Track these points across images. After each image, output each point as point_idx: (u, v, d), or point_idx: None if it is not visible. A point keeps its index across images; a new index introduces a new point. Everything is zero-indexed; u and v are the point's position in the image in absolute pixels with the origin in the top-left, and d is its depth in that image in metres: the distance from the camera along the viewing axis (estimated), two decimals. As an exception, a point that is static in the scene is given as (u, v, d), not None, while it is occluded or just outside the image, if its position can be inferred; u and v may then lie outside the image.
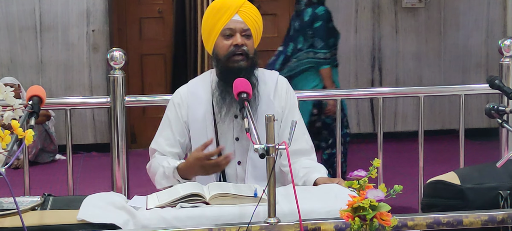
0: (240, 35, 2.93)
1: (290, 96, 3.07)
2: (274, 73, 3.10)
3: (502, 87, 2.78)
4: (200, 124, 2.99)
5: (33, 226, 2.30)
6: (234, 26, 2.93)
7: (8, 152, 2.00)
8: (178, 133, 3.02)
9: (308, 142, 3.06)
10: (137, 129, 7.91)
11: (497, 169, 2.46)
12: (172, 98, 3.08)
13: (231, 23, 2.93)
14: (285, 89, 3.06)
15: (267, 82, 3.01)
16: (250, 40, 2.95)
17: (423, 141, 3.93)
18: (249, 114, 2.43)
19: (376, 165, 2.08)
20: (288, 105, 3.03)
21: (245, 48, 2.92)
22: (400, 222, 2.23)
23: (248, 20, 2.95)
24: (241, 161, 2.98)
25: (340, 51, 7.96)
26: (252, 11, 2.98)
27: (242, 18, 2.94)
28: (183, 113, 3.02)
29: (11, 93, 2.25)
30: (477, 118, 7.81)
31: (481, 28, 8.24)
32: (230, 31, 2.93)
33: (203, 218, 2.37)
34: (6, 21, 7.49)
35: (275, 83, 3.03)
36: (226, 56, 2.93)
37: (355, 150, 5.64)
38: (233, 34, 2.93)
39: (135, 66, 7.86)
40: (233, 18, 2.94)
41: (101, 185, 5.33)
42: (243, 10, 2.95)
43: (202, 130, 2.98)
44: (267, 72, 3.09)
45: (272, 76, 3.07)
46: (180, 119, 3.02)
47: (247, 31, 2.94)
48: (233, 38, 2.93)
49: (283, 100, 3.03)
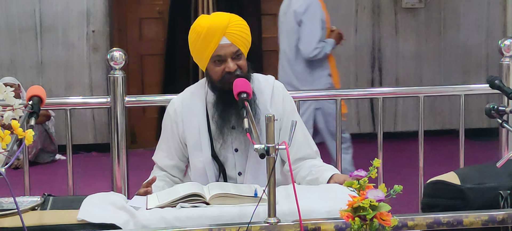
0: (231, 59, 2.86)
1: (287, 102, 3.02)
2: (269, 78, 3.04)
3: (502, 87, 2.78)
4: (196, 137, 2.96)
5: (33, 226, 2.30)
6: (224, 53, 2.84)
7: (8, 152, 2.00)
8: (174, 148, 3.01)
9: (312, 147, 3.03)
10: (137, 129, 7.91)
11: (497, 169, 2.46)
12: (168, 111, 3.05)
13: (220, 49, 2.84)
14: (281, 96, 3.01)
15: (263, 91, 2.96)
16: (242, 59, 2.88)
17: (423, 141, 3.93)
18: (249, 114, 2.43)
19: (376, 165, 2.08)
20: (286, 111, 2.98)
21: (238, 72, 2.85)
22: (400, 222, 2.23)
23: (237, 40, 2.86)
24: (241, 172, 2.96)
25: (340, 51, 8.02)
26: (239, 27, 2.89)
27: (230, 41, 2.84)
28: (180, 129, 2.99)
29: (11, 93, 2.25)
30: (477, 118, 7.80)
31: (481, 28, 8.24)
32: (220, 57, 2.85)
33: (203, 218, 2.37)
34: (6, 21, 7.49)
35: (271, 90, 2.98)
36: (220, 81, 2.88)
37: (355, 150, 5.62)
38: (224, 60, 2.86)
39: (135, 66, 7.86)
40: (221, 43, 2.84)
41: (101, 185, 5.33)
42: (229, 31, 2.85)
43: (197, 143, 2.95)
44: (262, 78, 3.02)
45: (267, 83, 3.01)
46: (176, 134, 3.00)
47: (237, 52, 2.86)
48: (225, 64, 2.85)
49: (281, 107, 2.98)
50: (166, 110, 3.07)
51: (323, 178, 2.83)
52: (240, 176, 2.95)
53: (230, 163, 2.95)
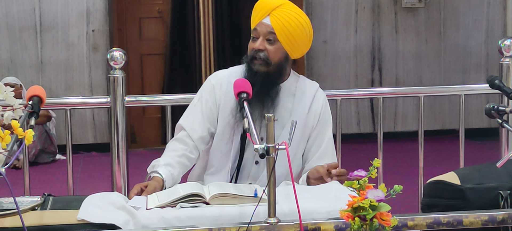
0: (264, 39, 2.87)
1: (325, 112, 3.01)
2: (314, 85, 3.04)
3: (502, 87, 2.78)
4: (229, 112, 2.92)
5: (33, 226, 2.30)
6: (260, 29, 2.88)
7: (8, 152, 2.00)
8: (208, 116, 2.95)
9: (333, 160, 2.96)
10: (137, 129, 7.91)
11: (497, 169, 2.46)
12: (210, 79, 3.02)
13: (259, 26, 2.88)
14: (321, 105, 3.00)
15: (305, 93, 2.97)
16: (274, 45, 2.87)
17: (423, 141, 3.93)
18: (249, 114, 2.43)
19: (376, 165, 2.08)
20: (321, 122, 2.98)
21: (262, 54, 2.86)
22: (400, 222, 2.24)
23: (277, 24, 2.85)
24: (258, 161, 2.94)
25: (340, 51, 8.03)
26: (288, 15, 2.87)
27: (271, 22, 2.86)
28: (218, 96, 2.96)
29: (11, 93, 2.25)
30: (477, 118, 7.80)
31: (481, 28, 8.24)
32: (255, 33, 2.89)
33: (203, 218, 2.37)
34: (6, 21, 7.48)
35: (313, 96, 2.99)
36: (249, 58, 2.90)
37: (355, 150, 5.63)
38: (257, 37, 2.89)
39: (135, 66, 7.86)
40: (263, 21, 2.88)
41: (101, 185, 5.34)
42: (275, 13, 2.86)
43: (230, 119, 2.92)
44: (308, 82, 3.03)
45: (312, 88, 3.01)
46: (213, 103, 2.96)
47: (271, 35, 2.87)
48: (257, 41, 2.89)
49: (318, 116, 2.98)
50: (207, 79, 3.04)
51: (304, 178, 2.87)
52: (257, 164, 2.94)
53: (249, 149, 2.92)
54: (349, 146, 5.66)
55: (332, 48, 7.97)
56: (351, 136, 7.47)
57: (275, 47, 2.88)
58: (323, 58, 7.96)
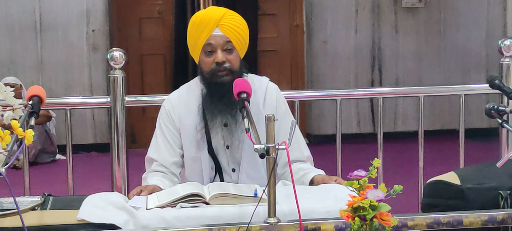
0: (222, 50, 2.87)
1: (280, 103, 3.02)
2: (263, 79, 3.05)
3: (502, 87, 2.78)
4: (190, 132, 2.95)
5: (33, 226, 2.31)
6: (215, 42, 2.87)
7: (8, 152, 2.00)
8: (174, 141, 2.98)
9: (303, 152, 3.01)
10: (137, 129, 7.91)
11: (497, 169, 2.46)
12: (164, 106, 3.04)
13: (212, 39, 2.87)
14: (275, 97, 3.01)
15: (256, 91, 2.95)
16: (233, 53, 2.89)
17: (423, 141, 3.93)
18: (249, 114, 2.43)
19: (376, 165, 2.08)
20: (279, 113, 2.97)
21: (227, 65, 2.87)
22: (400, 222, 2.24)
23: (230, 33, 2.87)
24: (235, 168, 2.96)
25: (340, 51, 8.03)
26: (234, 21, 2.91)
27: (222, 32, 2.87)
28: (176, 123, 2.98)
29: (11, 93, 2.25)
30: (477, 118, 7.79)
31: (481, 28, 8.23)
32: (210, 47, 2.87)
33: (203, 218, 2.37)
34: (6, 21, 7.48)
35: (264, 91, 2.99)
36: (209, 73, 2.89)
37: (355, 150, 5.62)
38: (214, 50, 2.87)
39: (135, 66, 7.86)
40: (213, 33, 2.87)
41: (101, 185, 5.33)
42: (223, 23, 2.88)
43: (192, 139, 2.94)
44: (257, 79, 3.03)
45: (261, 83, 3.02)
46: (174, 128, 2.98)
47: (228, 44, 2.87)
48: (215, 55, 2.87)
49: (273, 109, 2.97)
50: (162, 106, 3.06)
51: (306, 179, 2.86)
52: (234, 172, 2.95)
53: (222, 159, 2.94)
54: (349, 146, 5.64)
55: (332, 48, 7.96)
56: (351, 136, 7.46)
57: (235, 55, 2.90)
58: (323, 58, 7.95)
